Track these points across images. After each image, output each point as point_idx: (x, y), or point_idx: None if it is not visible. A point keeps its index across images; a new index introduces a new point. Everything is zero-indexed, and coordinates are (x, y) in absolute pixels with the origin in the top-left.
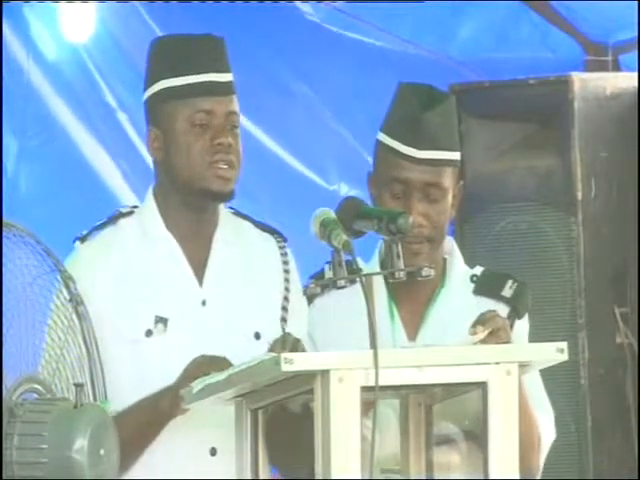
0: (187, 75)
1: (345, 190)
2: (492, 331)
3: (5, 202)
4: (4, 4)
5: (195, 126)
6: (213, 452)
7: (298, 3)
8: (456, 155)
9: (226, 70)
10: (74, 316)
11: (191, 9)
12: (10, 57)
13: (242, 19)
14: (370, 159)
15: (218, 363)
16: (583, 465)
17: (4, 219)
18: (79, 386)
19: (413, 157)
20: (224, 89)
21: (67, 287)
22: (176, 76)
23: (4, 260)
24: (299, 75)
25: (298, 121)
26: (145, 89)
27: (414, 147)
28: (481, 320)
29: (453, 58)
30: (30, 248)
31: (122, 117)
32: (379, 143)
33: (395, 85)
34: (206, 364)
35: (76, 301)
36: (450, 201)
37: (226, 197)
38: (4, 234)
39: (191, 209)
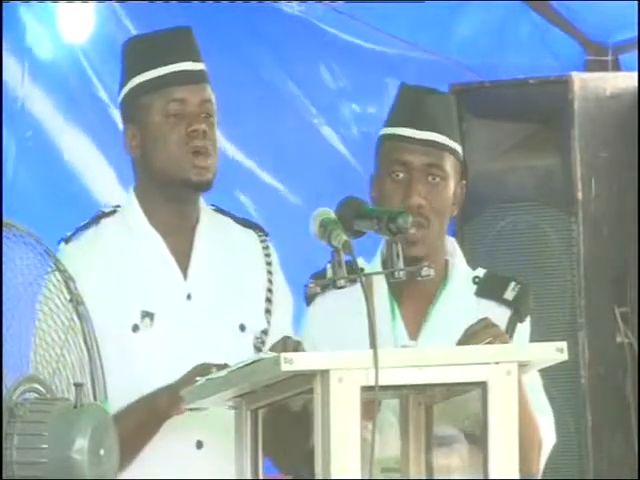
0: (158, 67)
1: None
2: (487, 342)
3: (4, 201)
4: (3, 3)
5: (169, 116)
6: (199, 445)
7: (295, 3)
8: (456, 146)
9: (197, 59)
10: (74, 316)
11: (188, 9)
12: (8, 57)
13: (237, 18)
14: (353, 160)
15: (219, 369)
16: (583, 465)
17: (4, 219)
18: (79, 386)
19: (413, 138)
20: (196, 77)
21: (67, 287)
22: (147, 70)
23: (4, 260)
24: (292, 74)
25: (286, 120)
26: (120, 91)
27: (414, 128)
28: (471, 331)
29: (452, 58)
30: (30, 248)
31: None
32: (381, 137)
33: (395, 85)
34: (207, 370)
35: (76, 301)
36: (452, 191)
37: (204, 186)
38: (4, 234)
39: (172, 203)
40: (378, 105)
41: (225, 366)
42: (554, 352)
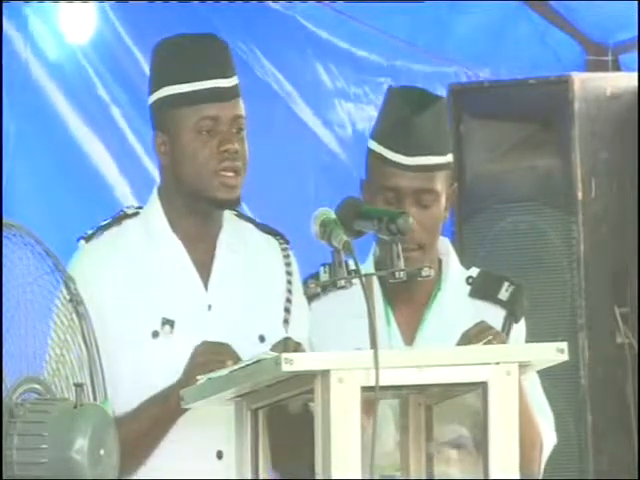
0: (192, 82)
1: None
2: (486, 343)
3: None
4: (4, 3)
5: (201, 133)
6: (219, 455)
7: (293, 3)
8: (448, 159)
9: (231, 74)
10: (74, 316)
11: (183, 10)
12: (8, 56)
13: (233, 19)
14: (350, 161)
15: (221, 348)
16: (583, 465)
17: (4, 219)
18: (79, 386)
19: (403, 164)
20: (229, 94)
21: (67, 287)
22: (181, 82)
23: (4, 260)
24: (288, 75)
25: (281, 120)
26: (150, 93)
27: (403, 154)
28: (468, 335)
29: (451, 58)
30: (30, 248)
31: (124, 124)
32: (370, 151)
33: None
34: (210, 350)
35: (76, 301)
36: (443, 204)
37: (232, 204)
38: (4, 234)
39: (196, 213)
40: (375, 106)
41: (226, 345)
42: (554, 352)
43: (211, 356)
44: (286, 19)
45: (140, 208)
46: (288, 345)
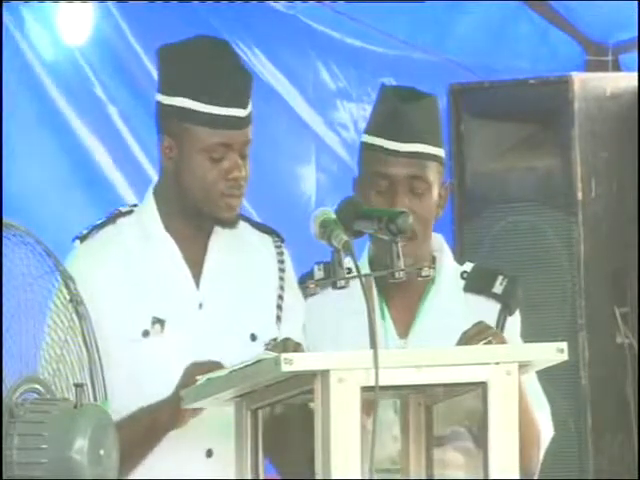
0: (211, 105)
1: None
2: (486, 343)
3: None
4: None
5: (211, 156)
6: (209, 454)
7: (294, 3)
8: (440, 151)
9: (248, 103)
10: (74, 316)
11: (184, 9)
12: (6, 56)
13: (234, 19)
14: (351, 162)
15: (211, 367)
16: (583, 465)
17: (4, 219)
18: (79, 386)
19: (396, 150)
20: (244, 122)
21: (67, 287)
22: (200, 100)
23: (4, 260)
24: (290, 75)
25: (283, 121)
26: (161, 92)
27: (396, 140)
28: (467, 335)
29: (451, 58)
30: (30, 248)
31: (123, 126)
32: (363, 144)
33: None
34: (199, 371)
35: (76, 301)
36: (436, 198)
37: (232, 222)
38: (4, 234)
39: (191, 218)
40: None
41: (217, 364)
42: (554, 352)
43: (202, 375)
44: (287, 19)
45: (135, 206)
46: (288, 345)
